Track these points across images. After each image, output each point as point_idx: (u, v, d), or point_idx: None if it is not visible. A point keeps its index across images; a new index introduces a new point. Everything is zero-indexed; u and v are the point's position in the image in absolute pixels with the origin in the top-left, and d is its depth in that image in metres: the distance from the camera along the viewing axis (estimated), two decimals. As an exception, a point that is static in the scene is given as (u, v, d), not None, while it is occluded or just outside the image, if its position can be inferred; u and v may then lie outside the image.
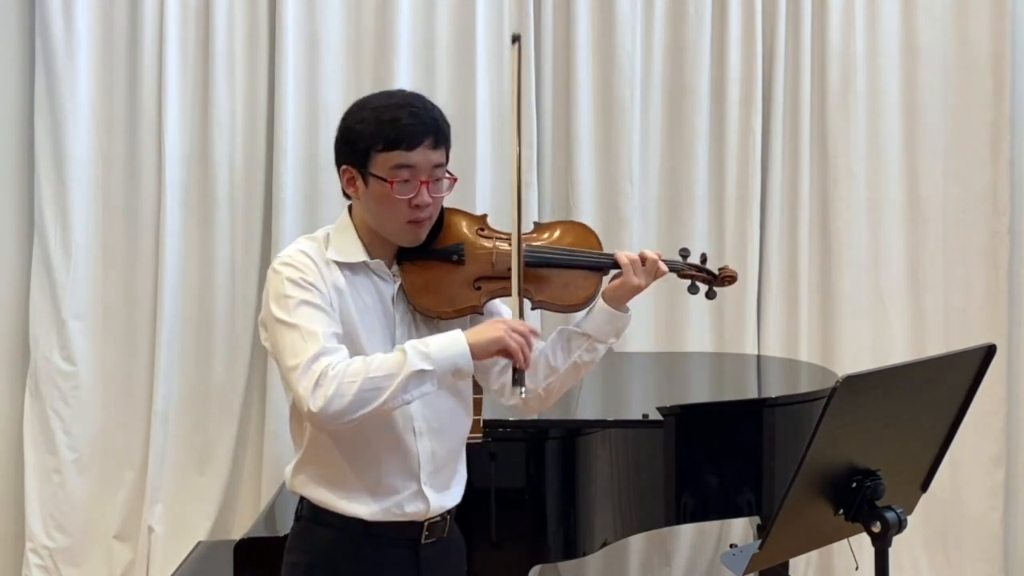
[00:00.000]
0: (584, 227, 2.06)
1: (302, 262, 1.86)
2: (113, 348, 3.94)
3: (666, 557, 3.99)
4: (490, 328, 1.81)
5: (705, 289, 2.11)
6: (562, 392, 2.03)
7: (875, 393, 1.73)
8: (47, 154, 3.86)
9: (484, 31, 3.91)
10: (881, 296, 4.01)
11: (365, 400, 1.74)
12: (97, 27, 3.89)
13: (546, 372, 1.99)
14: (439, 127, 1.89)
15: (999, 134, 3.93)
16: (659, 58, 4.00)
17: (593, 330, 1.97)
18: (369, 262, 1.91)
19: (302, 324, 1.80)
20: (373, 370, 1.75)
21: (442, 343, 1.79)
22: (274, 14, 3.89)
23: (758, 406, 3.01)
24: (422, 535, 1.94)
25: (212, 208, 3.91)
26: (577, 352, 1.98)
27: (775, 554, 1.86)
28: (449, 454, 1.97)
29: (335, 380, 1.74)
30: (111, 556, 3.95)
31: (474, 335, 1.80)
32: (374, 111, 1.87)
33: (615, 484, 2.70)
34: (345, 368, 1.76)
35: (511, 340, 1.79)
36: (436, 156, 1.88)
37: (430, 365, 1.76)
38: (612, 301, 1.97)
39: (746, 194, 3.97)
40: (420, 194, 1.86)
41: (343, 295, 1.87)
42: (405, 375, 1.75)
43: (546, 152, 4.00)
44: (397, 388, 1.75)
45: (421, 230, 1.91)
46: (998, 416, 3.94)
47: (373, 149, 1.85)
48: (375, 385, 1.74)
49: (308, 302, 1.82)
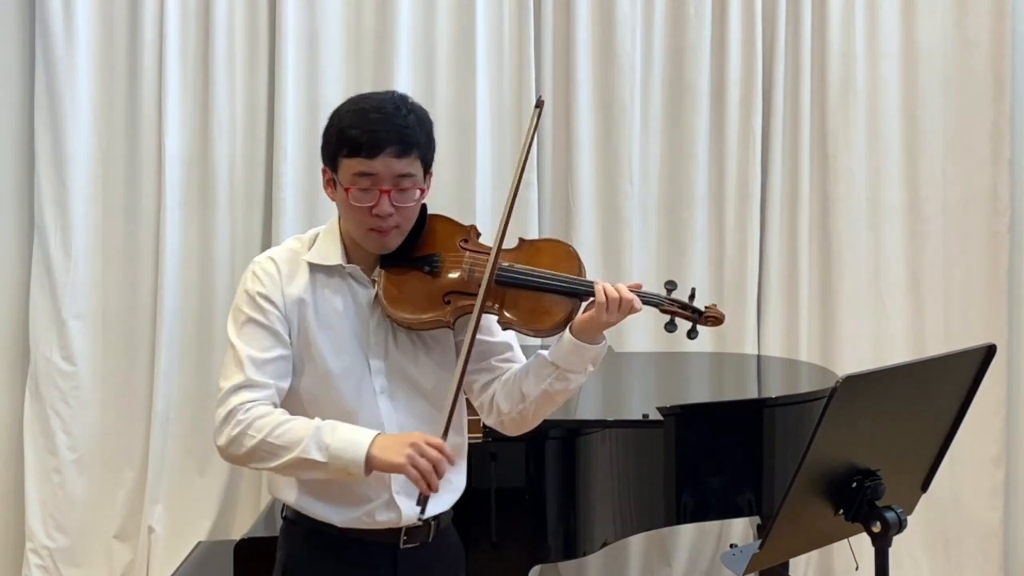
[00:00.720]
0: (567, 249, 1.96)
1: (267, 273, 1.88)
2: (113, 348, 3.94)
3: (666, 557, 3.99)
4: (397, 449, 1.74)
5: (687, 327, 1.96)
6: (539, 419, 1.95)
7: (875, 393, 1.73)
8: (47, 154, 3.86)
9: (484, 31, 3.91)
10: (881, 296, 4.01)
11: (258, 458, 1.79)
12: (97, 27, 3.89)
13: (518, 398, 1.91)
14: (407, 135, 1.82)
15: (999, 134, 3.93)
16: (659, 58, 4.00)
17: (560, 360, 1.86)
18: (346, 266, 1.89)
19: (240, 347, 1.84)
20: (275, 436, 1.77)
21: (345, 442, 1.75)
22: (274, 14, 3.89)
23: (758, 406, 3.01)
24: (400, 540, 1.91)
25: (212, 208, 3.91)
26: (547, 381, 1.88)
27: (775, 554, 1.86)
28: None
29: (240, 426, 1.78)
30: (111, 556, 3.95)
31: (380, 449, 1.75)
32: (346, 114, 1.85)
33: (615, 484, 2.70)
34: (254, 419, 1.78)
35: (411, 469, 1.72)
36: (400, 165, 1.82)
37: (323, 458, 1.75)
38: (580, 334, 1.85)
39: (746, 194, 3.97)
40: (380, 204, 1.82)
41: (304, 304, 1.87)
42: (296, 456, 1.76)
43: (546, 152, 4.00)
44: (287, 464, 1.77)
45: (386, 238, 1.87)
46: (998, 416, 3.94)
47: (339, 154, 1.84)
48: (270, 451, 1.77)
49: (255, 321, 1.85)
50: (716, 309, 1.96)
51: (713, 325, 1.96)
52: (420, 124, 1.87)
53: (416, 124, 1.85)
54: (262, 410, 1.80)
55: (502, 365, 1.97)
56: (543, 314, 1.87)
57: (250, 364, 1.82)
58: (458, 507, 2.00)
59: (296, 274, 1.89)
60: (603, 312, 1.84)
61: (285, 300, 1.86)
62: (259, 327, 1.85)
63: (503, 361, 1.97)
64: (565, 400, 1.95)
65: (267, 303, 1.85)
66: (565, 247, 1.96)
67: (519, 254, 1.92)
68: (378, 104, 1.85)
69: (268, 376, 1.83)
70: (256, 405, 1.80)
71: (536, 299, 1.87)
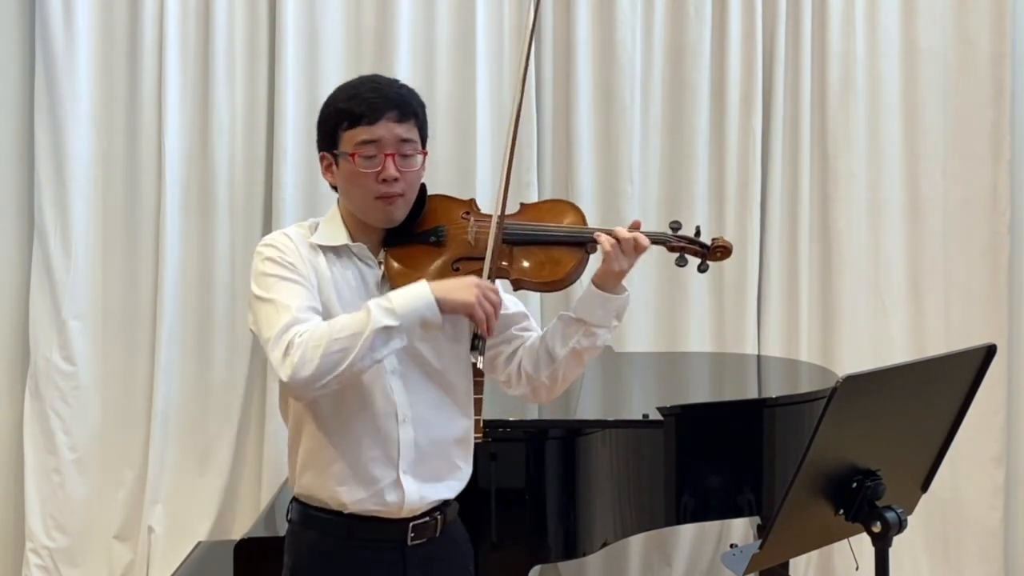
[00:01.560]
0: (569, 205, 2.02)
1: (283, 243, 1.88)
2: (113, 348, 3.94)
3: (666, 557, 3.99)
4: (462, 288, 1.77)
5: (697, 262, 2.00)
6: (569, 380, 1.97)
7: (875, 393, 1.73)
8: (47, 154, 3.86)
9: (484, 31, 3.92)
10: (881, 296, 4.01)
11: (333, 363, 1.72)
12: (97, 27, 3.89)
13: (547, 361, 1.95)
14: (404, 100, 1.89)
15: (999, 134, 3.93)
16: (659, 57, 4.00)
17: (586, 315, 1.91)
18: (351, 245, 1.91)
19: (277, 298, 1.80)
20: (337, 331, 1.73)
21: (407, 297, 1.76)
22: (274, 14, 3.89)
23: (758, 406, 3.01)
24: (408, 536, 1.91)
25: (212, 208, 3.91)
26: (575, 338, 1.92)
27: (775, 554, 1.86)
28: (436, 446, 1.92)
29: (301, 347, 1.73)
30: (111, 556, 3.95)
31: (443, 290, 1.76)
32: (339, 92, 1.92)
33: (615, 484, 2.70)
34: (311, 334, 1.74)
35: (480, 308, 1.75)
36: (402, 130, 1.87)
37: (395, 320, 1.73)
38: (602, 285, 1.91)
39: (746, 194, 3.97)
40: (386, 167, 1.85)
41: (324, 279, 1.88)
42: (370, 332, 1.72)
43: (546, 152, 4.00)
44: (364, 347, 1.72)
45: (392, 207, 1.89)
46: (998, 416, 3.94)
47: (339, 128, 1.88)
48: (341, 347, 1.72)
49: (285, 278, 1.83)
50: (723, 239, 2.00)
51: (723, 257, 2.00)
52: (413, 95, 1.93)
53: (410, 93, 1.92)
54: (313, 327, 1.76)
55: (522, 334, 2.01)
56: (553, 265, 1.91)
57: (295, 308, 1.79)
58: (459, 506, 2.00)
59: (314, 256, 1.90)
60: (615, 259, 1.88)
61: (307, 267, 1.86)
62: (290, 282, 1.83)
63: (522, 330, 2.01)
64: (591, 358, 1.97)
65: (292, 266, 1.84)
66: (566, 202, 2.04)
67: (522, 215, 1.98)
68: (370, 80, 1.94)
69: (310, 314, 1.80)
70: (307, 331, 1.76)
71: (544, 253, 1.92)
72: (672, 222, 2.00)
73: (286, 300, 1.80)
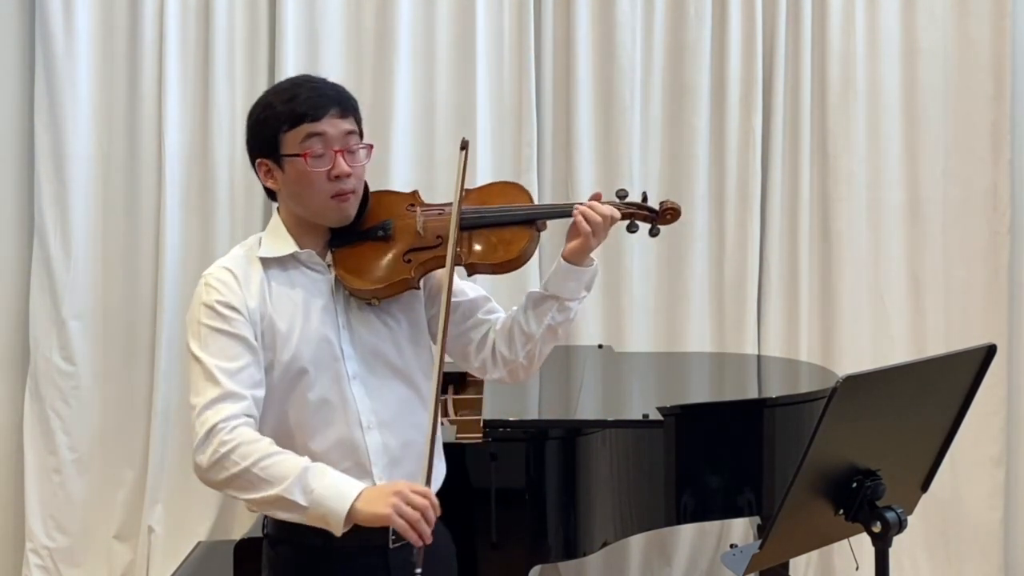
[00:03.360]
0: (514, 185, 2.02)
1: (224, 281, 1.84)
2: (113, 348, 3.94)
3: (666, 557, 3.99)
4: (381, 500, 1.68)
5: (648, 227, 2.03)
6: (544, 355, 1.99)
7: (875, 393, 1.73)
8: (47, 154, 3.86)
9: (484, 31, 3.91)
10: (881, 296, 4.01)
11: (237, 487, 1.73)
12: (97, 27, 3.89)
13: (523, 340, 1.94)
14: (342, 96, 1.88)
15: (999, 134, 3.93)
16: (659, 58, 4.00)
17: (559, 290, 1.92)
18: (298, 253, 1.89)
19: (207, 360, 1.78)
20: (261, 467, 1.71)
21: (331, 490, 1.70)
22: (274, 14, 3.89)
23: (758, 406, 3.01)
24: (388, 539, 1.86)
25: (212, 208, 3.91)
26: (549, 315, 1.93)
27: (775, 554, 1.86)
28: (406, 446, 1.90)
29: (225, 447, 1.72)
30: (111, 556, 3.95)
31: (365, 501, 1.69)
32: (273, 96, 1.89)
33: (615, 484, 2.70)
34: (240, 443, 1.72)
35: (399, 520, 1.66)
36: (346, 124, 1.86)
37: (304, 502, 1.70)
38: (573, 259, 1.92)
39: (746, 194, 3.97)
40: (337, 164, 1.84)
41: (267, 300, 1.85)
42: (277, 493, 1.70)
43: (546, 152, 4.00)
44: (265, 499, 1.71)
45: (347, 205, 1.88)
46: (998, 416, 3.94)
47: (280, 131, 1.85)
48: (252, 481, 1.71)
49: (219, 331, 1.80)
50: (672, 202, 2.02)
51: (672, 220, 2.02)
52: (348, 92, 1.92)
53: (343, 90, 1.91)
54: (249, 434, 1.74)
55: (489, 317, 2.01)
56: (506, 245, 1.90)
57: (222, 375, 1.77)
58: (458, 507, 2.00)
59: (251, 276, 1.87)
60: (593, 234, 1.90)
61: (247, 304, 1.83)
62: (224, 336, 1.80)
63: (488, 313, 2.01)
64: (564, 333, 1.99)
65: (229, 310, 1.82)
66: (512, 183, 2.03)
67: (470, 200, 1.95)
68: (301, 79, 1.92)
69: (243, 386, 1.78)
70: (240, 425, 1.74)
71: (495, 234, 1.91)
72: (619, 190, 2.02)
73: (217, 364, 1.78)
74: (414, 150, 3.89)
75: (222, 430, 1.74)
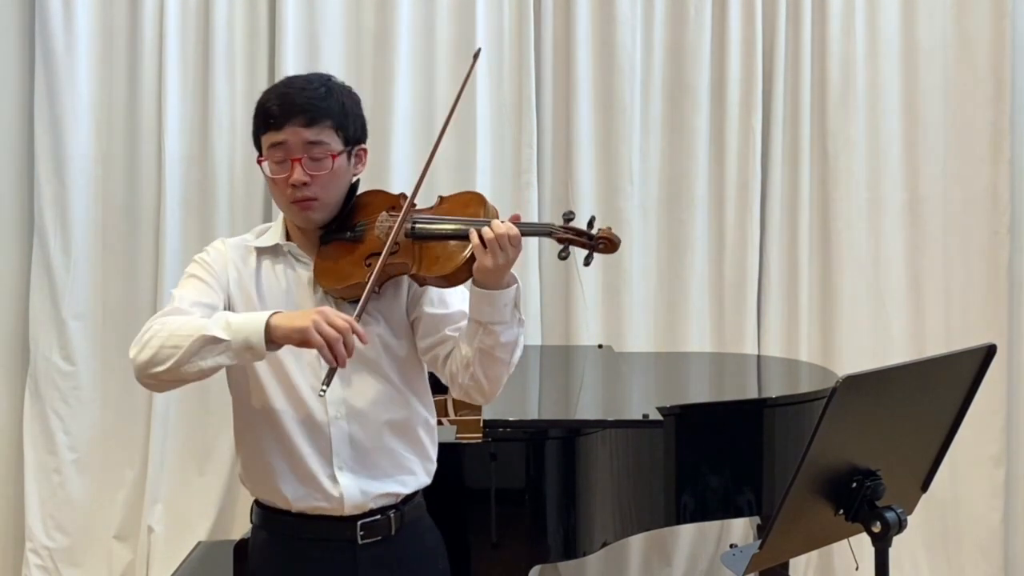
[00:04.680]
0: (474, 195, 1.94)
1: (215, 247, 1.98)
2: (113, 348, 3.94)
3: (666, 557, 3.99)
4: (301, 316, 1.73)
5: (583, 254, 1.88)
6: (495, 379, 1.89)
7: (875, 393, 1.73)
8: (47, 154, 3.86)
9: (484, 31, 3.92)
10: (881, 296, 4.01)
11: (163, 356, 1.76)
12: (97, 27, 3.89)
13: (464, 363, 1.88)
14: (314, 105, 1.88)
15: (999, 134, 3.93)
16: (659, 58, 4.00)
17: (477, 315, 1.83)
18: (283, 244, 1.96)
19: (177, 292, 1.90)
20: (178, 326, 1.77)
21: (247, 317, 1.77)
22: (274, 14, 3.89)
23: (758, 406, 3.01)
24: (357, 535, 1.89)
25: (212, 208, 3.91)
26: (477, 338, 1.84)
27: (775, 554, 1.86)
28: (375, 440, 1.91)
29: (150, 331, 1.79)
30: (111, 556, 3.95)
31: (283, 318, 1.74)
32: (262, 95, 1.94)
33: (615, 484, 2.70)
34: (164, 323, 1.78)
35: (315, 335, 1.69)
36: (310, 133, 1.88)
37: (226, 335, 1.74)
38: (481, 282, 1.81)
39: (746, 194, 3.97)
40: (292, 172, 1.87)
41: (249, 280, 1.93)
42: (199, 337, 1.74)
43: (546, 152, 4.00)
44: (191, 349, 1.74)
45: (308, 212, 1.91)
46: (998, 416, 3.94)
47: (260, 133, 1.92)
48: (175, 343, 1.75)
49: (195, 275, 1.92)
50: (610, 231, 1.88)
51: (607, 250, 1.87)
52: (332, 96, 1.92)
53: (327, 95, 1.91)
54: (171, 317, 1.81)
55: (456, 334, 1.94)
56: (445, 260, 1.85)
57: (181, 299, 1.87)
58: (458, 507, 1.99)
59: (245, 259, 1.96)
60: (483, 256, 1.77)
61: (228, 274, 1.93)
62: (197, 280, 1.92)
63: (457, 330, 1.94)
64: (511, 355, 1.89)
65: (209, 268, 1.93)
66: (473, 194, 1.96)
67: (430, 210, 1.93)
68: (289, 80, 1.96)
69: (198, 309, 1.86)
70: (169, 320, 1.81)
71: (440, 247, 1.86)
72: (565, 212, 1.91)
73: (181, 293, 1.89)
74: (414, 150, 3.89)
75: (155, 322, 1.81)
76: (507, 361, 1.88)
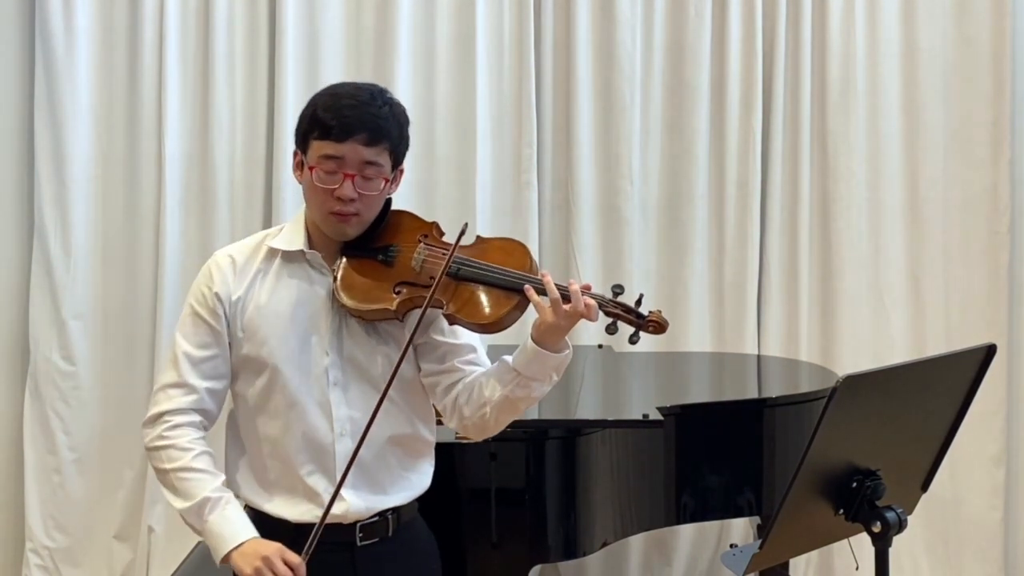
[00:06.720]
0: (519, 246, 1.92)
1: (221, 268, 1.93)
2: (113, 348, 3.94)
3: (666, 557, 3.99)
4: (250, 560, 1.78)
5: (630, 332, 1.85)
6: (501, 424, 1.91)
7: (875, 393, 1.73)
8: (47, 154, 3.86)
9: (484, 31, 3.91)
10: (881, 296, 4.01)
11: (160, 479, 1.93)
12: (97, 27, 3.89)
13: (479, 402, 1.87)
14: (379, 125, 1.85)
15: (999, 134, 3.93)
16: (659, 57, 4.00)
17: (521, 367, 1.83)
18: (306, 251, 1.91)
19: (179, 342, 1.92)
20: (178, 477, 1.88)
21: (218, 529, 1.84)
22: (274, 14, 3.89)
23: (758, 406, 3.01)
24: (356, 537, 1.90)
25: (212, 208, 3.91)
26: (509, 387, 1.84)
27: (775, 554, 1.86)
28: (378, 457, 1.91)
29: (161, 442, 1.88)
30: (111, 556, 3.95)
31: (240, 555, 1.80)
32: (322, 99, 1.89)
33: (615, 484, 2.70)
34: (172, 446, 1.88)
35: None
36: (368, 153, 1.85)
37: (198, 527, 1.86)
38: (541, 341, 1.81)
39: (746, 194, 3.97)
40: (343, 186, 1.84)
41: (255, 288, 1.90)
42: (181, 507, 1.88)
43: (546, 152, 4.00)
44: (179, 509, 1.89)
45: (346, 225, 1.88)
46: (998, 416, 3.94)
47: (310, 135, 1.87)
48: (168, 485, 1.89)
49: (200, 317, 1.92)
50: (660, 315, 1.86)
51: (655, 332, 1.86)
52: (394, 117, 1.90)
53: (390, 116, 1.89)
54: (185, 440, 1.88)
55: (465, 368, 1.93)
56: (487, 307, 1.84)
57: (184, 361, 1.89)
58: (458, 507, 2.00)
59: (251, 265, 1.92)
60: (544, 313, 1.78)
61: (233, 296, 1.91)
62: (202, 323, 1.91)
63: (466, 363, 1.94)
64: (528, 407, 1.91)
65: (215, 300, 1.91)
66: (517, 244, 1.93)
67: (471, 250, 1.91)
68: (354, 91, 1.89)
69: (200, 377, 1.89)
70: (183, 425, 1.88)
71: (483, 292, 1.85)
72: (614, 286, 1.89)
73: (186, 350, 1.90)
74: (414, 150, 3.82)
75: (167, 423, 1.88)
76: (522, 412, 1.92)
